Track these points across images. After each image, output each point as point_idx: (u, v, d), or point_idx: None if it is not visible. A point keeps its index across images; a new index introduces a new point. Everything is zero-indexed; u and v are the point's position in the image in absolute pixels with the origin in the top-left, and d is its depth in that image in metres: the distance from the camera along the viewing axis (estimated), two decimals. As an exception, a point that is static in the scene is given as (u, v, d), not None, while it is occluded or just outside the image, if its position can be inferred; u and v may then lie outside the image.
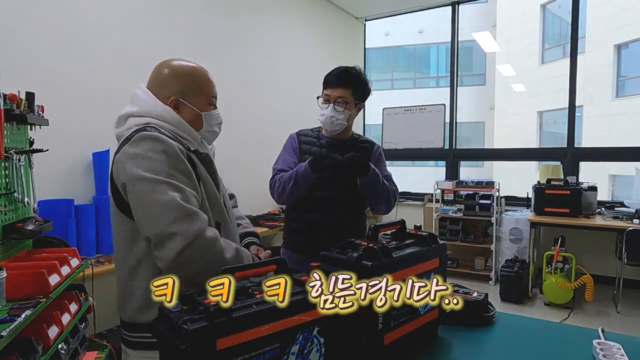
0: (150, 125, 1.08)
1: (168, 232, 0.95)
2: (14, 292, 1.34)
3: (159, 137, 1.02)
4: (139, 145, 1.01)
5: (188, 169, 1.05)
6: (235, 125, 3.57)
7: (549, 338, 1.17)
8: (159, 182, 0.98)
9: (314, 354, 0.81)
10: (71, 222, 2.35)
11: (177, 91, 1.14)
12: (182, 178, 1.03)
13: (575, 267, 3.78)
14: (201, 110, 1.17)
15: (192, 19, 3.42)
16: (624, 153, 4.68)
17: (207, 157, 1.22)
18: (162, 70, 1.16)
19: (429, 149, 5.08)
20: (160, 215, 0.96)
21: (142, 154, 1.00)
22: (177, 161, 1.03)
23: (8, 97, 1.56)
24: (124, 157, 1.02)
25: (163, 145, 1.01)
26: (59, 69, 2.48)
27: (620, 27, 9.46)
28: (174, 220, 0.96)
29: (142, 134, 1.02)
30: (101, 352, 1.90)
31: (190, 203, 1.01)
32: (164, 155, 1.01)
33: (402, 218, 1.20)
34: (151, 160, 0.99)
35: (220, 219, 1.16)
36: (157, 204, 0.97)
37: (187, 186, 1.03)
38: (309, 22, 4.89)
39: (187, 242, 0.95)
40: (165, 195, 0.97)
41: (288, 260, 0.87)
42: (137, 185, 0.99)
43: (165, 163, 1.00)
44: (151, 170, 0.99)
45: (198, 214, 1.00)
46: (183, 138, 1.13)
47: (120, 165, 1.02)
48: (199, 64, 1.20)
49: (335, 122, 1.73)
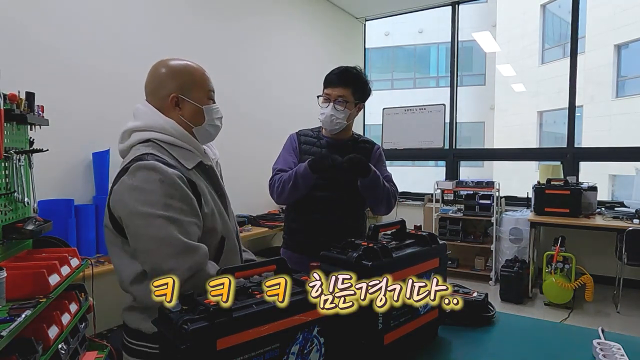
0: (152, 140, 1.10)
1: (163, 268, 0.95)
2: (14, 292, 1.34)
3: (154, 166, 1.01)
4: (136, 175, 1.01)
5: (188, 196, 1.05)
6: (235, 126, 3.57)
7: (549, 338, 1.17)
8: (154, 216, 0.97)
9: (314, 354, 0.81)
10: (71, 222, 2.35)
11: (176, 88, 1.14)
12: (180, 206, 1.02)
13: (575, 267, 3.78)
14: (201, 104, 1.18)
15: (191, 20, 3.42)
16: (624, 153, 4.68)
17: (210, 168, 1.22)
18: (158, 70, 1.16)
19: (429, 149, 5.08)
20: (156, 251, 0.97)
21: (138, 185, 1.00)
22: (174, 189, 1.02)
23: (8, 97, 1.56)
24: (121, 188, 1.02)
25: (159, 175, 1.01)
26: (59, 69, 2.48)
27: (620, 27, 9.46)
28: (170, 257, 0.96)
29: (138, 163, 1.02)
30: (101, 352, 1.90)
31: (190, 234, 1.01)
32: (160, 185, 1.00)
33: (402, 218, 1.21)
34: (147, 192, 0.99)
35: (225, 233, 1.16)
36: (152, 240, 0.97)
37: (186, 215, 1.02)
38: (309, 22, 4.89)
39: (184, 278, 0.95)
40: (161, 231, 0.97)
41: (288, 260, 0.87)
42: (134, 220, 0.99)
43: (161, 194, 1.00)
44: (147, 203, 0.98)
45: (196, 248, 1.00)
46: (186, 150, 1.13)
47: (117, 197, 1.02)
48: (193, 61, 1.21)
49: (335, 121, 1.73)
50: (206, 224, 1.10)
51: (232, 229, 1.21)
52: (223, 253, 1.15)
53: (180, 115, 1.15)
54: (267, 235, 3.85)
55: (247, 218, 3.71)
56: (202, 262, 1.00)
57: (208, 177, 1.18)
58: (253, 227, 3.63)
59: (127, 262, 1.07)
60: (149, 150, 1.07)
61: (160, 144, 1.11)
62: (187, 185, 1.05)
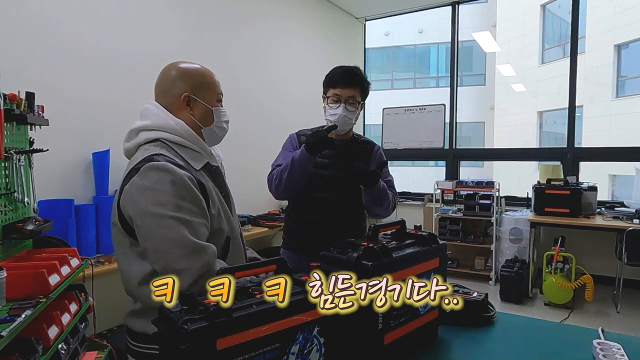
0: (160, 140, 1.11)
1: (174, 268, 0.97)
2: (14, 292, 1.34)
3: (167, 167, 1.02)
4: (147, 176, 1.02)
5: (197, 197, 1.06)
6: (235, 125, 3.56)
7: (549, 338, 1.17)
8: (166, 217, 0.99)
9: (314, 354, 0.81)
10: (71, 222, 2.35)
11: (188, 88, 1.16)
12: (191, 207, 1.03)
13: (575, 267, 3.78)
14: (212, 106, 1.19)
15: (191, 22, 3.42)
16: (624, 153, 4.68)
17: (216, 169, 1.23)
18: (169, 72, 1.18)
19: (429, 149, 5.08)
20: (167, 252, 0.98)
21: (150, 186, 1.01)
22: (185, 190, 1.03)
23: (8, 97, 1.56)
24: (132, 189, 1.02)
25: (171, 176, 1.02)
26: (59, 69, 2.48)
27: (620, 27, 9.46)
28: (180, 257, 0.98)
29: (150, 164, 1.03)
30: (101, 352, 1.90)
31: (199, 235, 1.02)
32: (172, 186, 1.01)
33: (402, 218, 1.21)
34: (159, 192, 1.00)
35: (230, 233, 1.18)
36: (163, 240, 0.98)
37: (195, 217, 1.04)
38: (309, 22, 4.89)
39: (194, 278, 0.97)
40: (172, 231, 0.98)
41: (288, 260, 0.87)
42: (145, 219, 1.00)
43: (172, 195, 1.01)
44: (159, 203, 0.99)
45: (205, 248, 1.01)
46: (194, 151, 1.15)
47: (128, 197, 1.03)
48: (202, 65, 1.23)
49: (348, 122, 1.74)
50: (213, 225, 1.11)
51: (237, 229, 1.23)
52: (229, 253, 1.17)
53: (190, 115, 1.16)
54: (267, 235, 3.85)
55: (247, 218, 3.71)
56: (212, 262, 1.02)
57: (214, 178, 1.20)
58: (253, 227, 3.64)
59: (134, 262, 1.07)
60: (159, 150, 1.08)
61: (169, 144, 1.12)
62: (196, 186, 1.07)
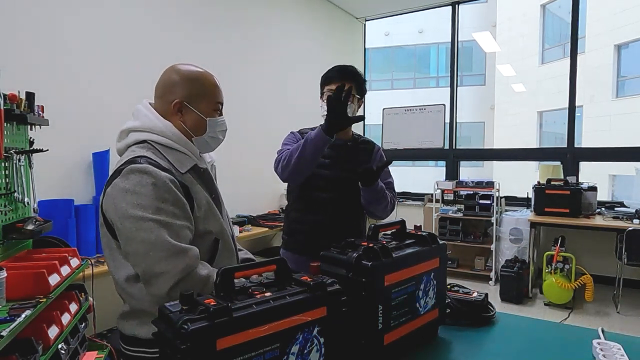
0: (148, 142, 1.10)
1: (154, 271, 0.97)
2: (14, 292, 1.34)
3: (148, 170, 1.01)
4: (129, 178, 1.01)
5: (180, 200, 1.05)
6: (235, 126, 3.56)
7: (549, 338, 1.17)
8: (146, 219, 0.98)
9: (314, 354, 0.81)
10: (71, 222, 2.36)
11: (182, 95, 1.14)
12: (172, 210, 1.02)
13: (575, 267, 3.78)
14: (206, 115, 1.17)
15: (192, 22, 3.42)
16: (624, 153, 4.68)
17: (205, 171, 1.22)
18: (170, 75, 1.16)
19: (429, 149, 5.08)
20: (147, 255, 0.97)
21: (131, 189, 1.00)
22: (167, 193, 1.02)
23: (8, 97, 1.56)
24: (114, 191, 1.02)
25: (152, 178, 1.01)
26: (59, 69, 2.48)
27: (620, 27, 9.46)
28: (159, 260, 0.97)
29: (131, 166, 1.02)
30: (101, 352, 1.90)
31: (181, 238, 1.01)
32: (153, 189, 1.00)
33: (402, 218, 1.20)
34: (139, 195, 1.00)
35: (219, 235, 1.17)
36: (143, 243, 0.98)
37: (177, 219, 1.03)
38: (309, 23, 4.89)
39: (175, 280, 0.97)
40: (152, 234, 0.97)
41: (288, 261, 0.86)
42: (125, 222, 0.99)
43: (153, 197, 1.00)
44: (139, 206, 0.99)
45: (186, 251, 1.00)
46: (181, 153, 1.13)
47: (110, 200, 1.02)
48: (206, 70, 1.20)
49: None
50: (199, 227, 1.10)
51: (227, 231, 1.21)
52: (217, 254, 1.15)
53: (180, 121, 1.15)
54: (267, 235, 3.85)
55: (247, 218, 3.71)
56: (193, 264, 1.01)
57: (202, 180, 1.18)
58: (253, 227, 3.63)
59: (120, 264, 1.07)
60: (144, 152, 1.07)
61: (156, 146, 1.11)
62: (179, 189, 1.06)
